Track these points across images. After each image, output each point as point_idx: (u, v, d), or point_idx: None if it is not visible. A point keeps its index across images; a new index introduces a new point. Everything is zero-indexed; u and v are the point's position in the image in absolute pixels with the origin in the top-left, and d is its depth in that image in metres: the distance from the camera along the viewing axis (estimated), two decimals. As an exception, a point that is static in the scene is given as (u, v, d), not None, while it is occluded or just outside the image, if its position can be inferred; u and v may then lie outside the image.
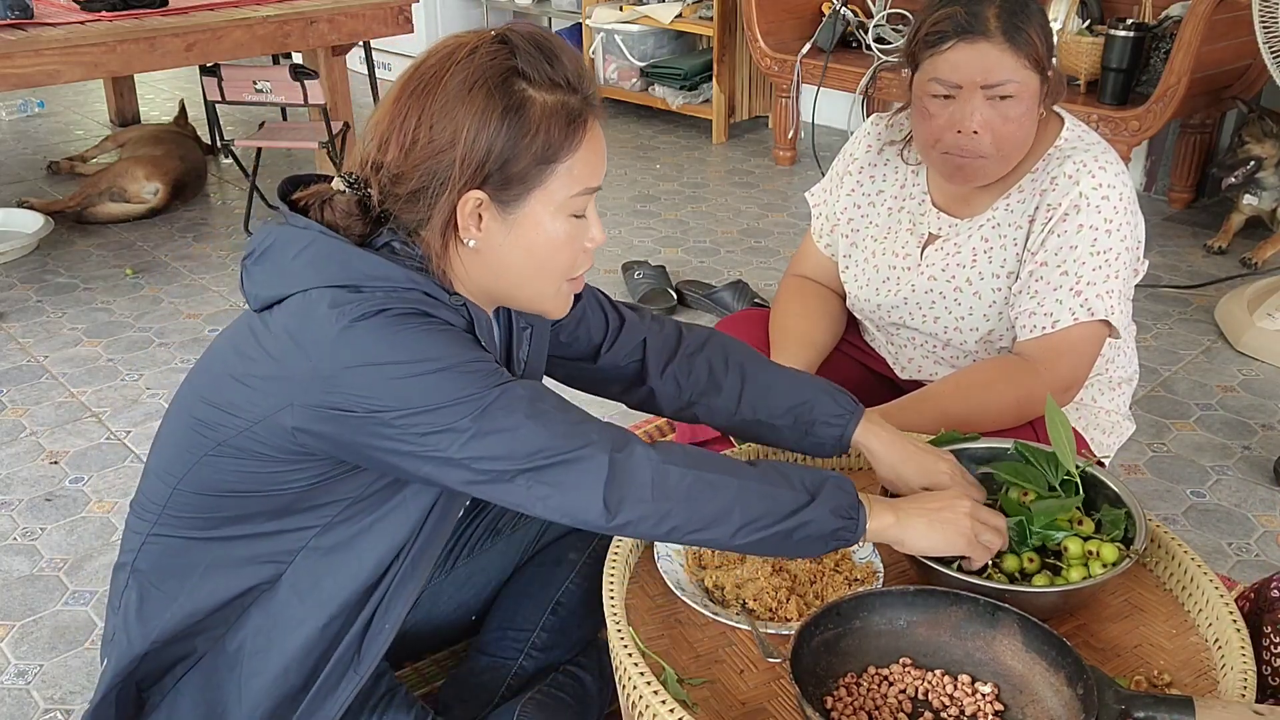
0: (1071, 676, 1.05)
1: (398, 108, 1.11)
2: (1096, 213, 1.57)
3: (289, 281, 1.10)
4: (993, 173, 1.62)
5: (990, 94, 1.54)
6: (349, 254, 1.10)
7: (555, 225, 1.15)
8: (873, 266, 1.79)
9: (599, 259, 3.43)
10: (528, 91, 1.10)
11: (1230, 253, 3.43)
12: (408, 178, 1.11)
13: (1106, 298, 1.58)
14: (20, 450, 2.38)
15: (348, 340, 1.05)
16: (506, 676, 1.44)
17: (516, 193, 1.12)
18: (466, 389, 1.06)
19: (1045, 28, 1.57)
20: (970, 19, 1.52)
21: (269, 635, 1.19)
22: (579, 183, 1.14)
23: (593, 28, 4.78)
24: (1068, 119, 1.68)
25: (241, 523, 1.18)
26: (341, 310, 1.06)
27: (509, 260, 1.15)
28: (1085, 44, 3.38)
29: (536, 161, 1.11)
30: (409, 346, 1.06)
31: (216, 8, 3.25)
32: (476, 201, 1.11)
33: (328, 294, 1.07)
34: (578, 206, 1.15)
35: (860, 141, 1.84)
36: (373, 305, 1.06)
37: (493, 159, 1.09)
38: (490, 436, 1.06)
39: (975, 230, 1.69)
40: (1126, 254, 1.60)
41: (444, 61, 1.10)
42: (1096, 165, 1.59)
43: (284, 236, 1.12)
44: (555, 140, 1.11)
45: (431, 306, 1.10)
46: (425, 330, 1.07)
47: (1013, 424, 1.60)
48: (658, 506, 1.10)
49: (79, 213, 3.66)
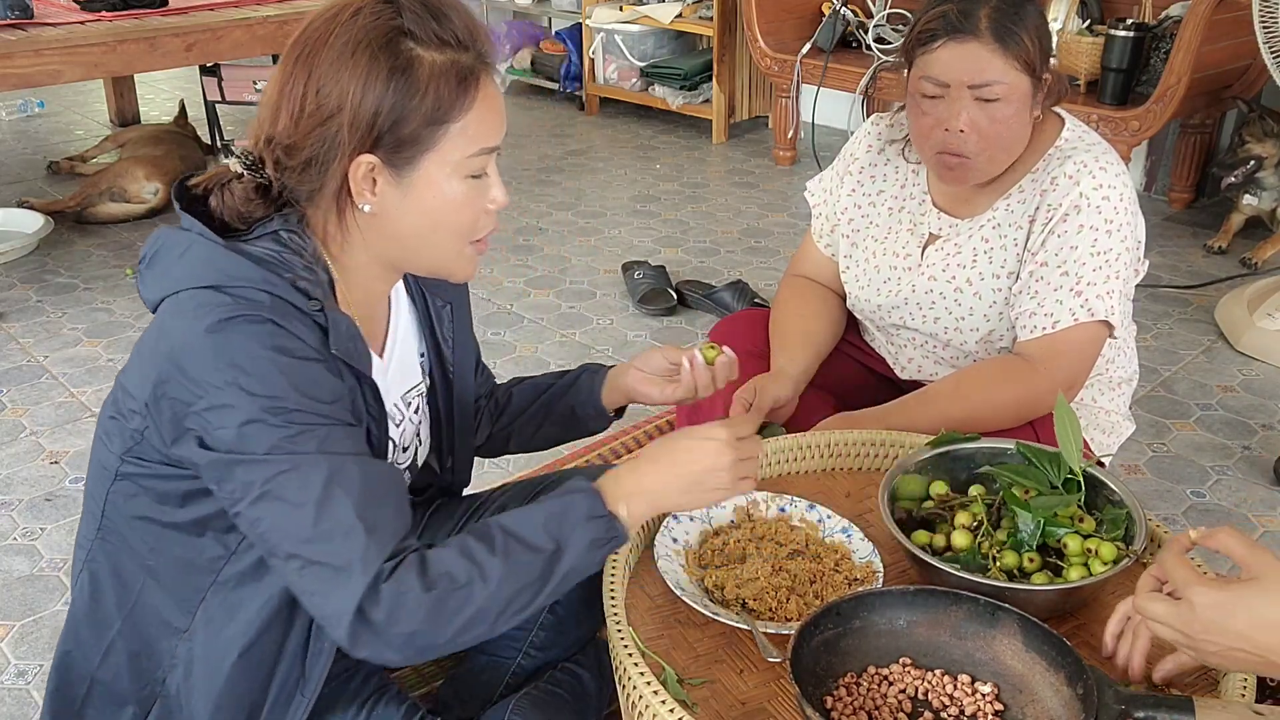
0: (1071, 676, 1.05)
1: (284, 75, 1.10)
2: (1097, 213, 1.57)
3: (167, 284, 1.09)
4: (982, 173, 1.62)
5: (977, 94, 1.54)
6: (215, 254, 1.08)
7: (452, 186, 1.13)
8: (873, 267, 1.79)
9: (600, 259, 3.44)
10: (415, 50, 1.08)
11: (1230, 253, 3.43)
12: (299, 147, 1.09)
13: (1107, 298, 1.58)
14: (20, 450, 2.38)
15: (205, 343, 1.03)
16: (505, 675, 1.44)
17: (409, 155, 1.10)
18: (278, 445, 1.02)
19: (1041, 30, 1.56)
20: (961, 18, 1.53)
21: (195, 673, 1.16)
22: (474, 143, 1.12)
23: (593, 28, 4.78)
24: (1068, 119, 1.68)
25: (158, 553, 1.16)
26: (199, 312, 1.04)
27: (406, 224, 1.14)
28: (1085, 44, 3.38)
29: (428, 122, 1.09)
30: (251, 374, 1.02)
31: (216, 8, 3.25)
32: (369, 165, 1.09)
33: (195, 295, 1.06)
34: (475, 167, 1.13)
35: (861, 141, 1.84)
36: (231, 310, 1.04)
37: (381, 121, 1.08)
38: (274, 503, 1.02)
39: (976, 230, 1.69)
40: (1127, 254, 1.60)
41: (328, 24, 1.09)
42: (1097, 165, 1.59)
43: (169, 240, 1.11)
44: (446, 100, 1.09)
45: (282, 316, 1.06)
46: (271, 358, 1.03)
47: (1013, 424, 1.60)
48: (408, 638, 1.03)
49: (79, 213, 3.66)
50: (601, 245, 3.56)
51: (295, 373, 1.05)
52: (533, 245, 3.55)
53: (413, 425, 1.34)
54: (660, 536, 1.35)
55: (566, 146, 4.60)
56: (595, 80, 4.94)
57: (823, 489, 1.51)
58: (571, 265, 3.41)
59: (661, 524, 1.36)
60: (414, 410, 1.34)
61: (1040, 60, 1.56)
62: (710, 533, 1.38)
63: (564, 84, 5.10)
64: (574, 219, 3.79)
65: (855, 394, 1.85)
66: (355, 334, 1.14)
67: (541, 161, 4.38)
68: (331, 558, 1.01)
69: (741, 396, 1.71)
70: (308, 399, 1.05)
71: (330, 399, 1.07)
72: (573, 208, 3.89)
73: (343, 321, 1.13)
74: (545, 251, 3.51)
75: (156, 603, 1.17)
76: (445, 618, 1.03)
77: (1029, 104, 1.57)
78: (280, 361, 1.04)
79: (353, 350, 1.13)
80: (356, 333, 1.15)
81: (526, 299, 3.17)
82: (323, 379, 1.08)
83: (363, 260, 1.18)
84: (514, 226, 3.69)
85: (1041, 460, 1.33)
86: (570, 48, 5.05)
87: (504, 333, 2.95)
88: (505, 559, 1.07)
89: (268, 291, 1.06)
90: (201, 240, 1.09)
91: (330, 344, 1.10)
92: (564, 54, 5.08)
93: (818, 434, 1.55)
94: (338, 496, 1.02)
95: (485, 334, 2.94)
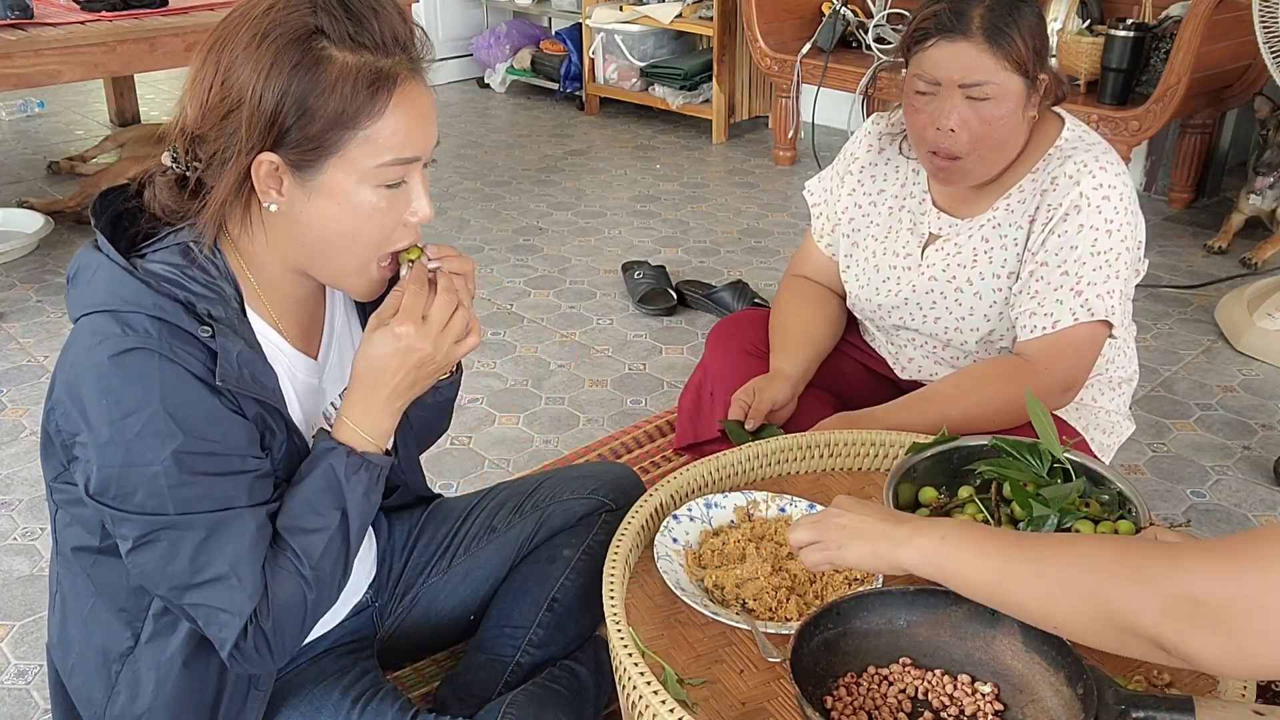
0: (1071, 676, 1.05)
1: (197, 65, 1.07)
2: (1097, 213, 1.57)
3: (79, 306, 1.08)
4: (974, 174, 1.63)
5: (968, 93, 1.55)
6: (115, 277, 1.07)
7: (360, 196, 1.08)
8: (873, 266, 1.79)
9: (600, 259, 3.43)
10: (327, 50, 1.04)
11: (1230, 253, 3.43)
12: (207, 140, 1.07)
13: (1107, 298, 1.58)
14: (20, 450, 2.38)
15: (93, 375, 1.03)
16: (504, 673, 1.44)
17: (312, 158, 1.06)
18: (149, 505, 1.05)
19: (1036, 31, 1.57)
20: (954, 17, 1.54)
21: (142, 693, 1.18)
22: (385, 151, 1.07)
23: (593, 28, 4.78)
24: (1068, 119, 1.68)
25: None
26: (92, 341, 1.04)
27: (309, 229, 1.10)
28: (1085, 44, 3.38)
29: (332, 125, 1.05)
30: (133, 413, 1.03)
31: (216, 8, 3.25)
32: (271, 165, 1.06)
33: (93, 321, 1.06)
34: (388, 177, 1.08)
35: (861, 141, 1.84)
36: (122, 344, 1.03)
37: (283, 119, 1.04)
38: (149, 550, 1.06)
39: (976, 230, 1.69)
40: (1127, 254, 1.60)
41: (243, 16, 1.05)
42: (1097, 165, 1.59)
43: (85, 261, 1.10)
44: (354, 103, 1.04)
45: (171, 347, 1.04)
46: (160, 397, 1.03)
47: (1012, 424, 1.60)
48: (281, 655, 1.12)
49: (79, 213, 3.65)
50: (601, 245, 3.56)
51: (182, 412, 1.05)
52: (533, 245, 3.55)
53: None
54: (660, 536, 1.35)
55: (566, 146, 4.60)
56: (595, 80, 4.94)
57: (822, 489, 1.51)
58: (571, 265, 3.41)
59: (661, 524, 1.36)
60: None
61: (1034, 61, 1.56)
62: (710, 533, 1.38)
63: (564, 84, 5.10)
64: (574, 219, 3.79)
65: (855, 394, 1.85)
66: (251, 359, 1.11)
67: (541, 161, 4.38)
68: (210, 601, 1.08)
69: (740, 398, 1.71)
70: (193, 439, 1.05)
71: (217, 437, 1.07)
72: (573, 208, 3.89)
73: (234, 348, 1.09)
74: (545, 251, 3.51)
75: (103, 625, 1.19)
76: (295, 630, 1.13)
77: (1022, 104, 1.57)
78: (169, 401, 1.03)
79: (243, 378, 1.10)
80: (253, 357, 1.12)
81: (526, 299, 3.17)
82: (213, 414, 1.07)
83: (274, 261, 1.15)
84: (514, 226, 3.68)
85: (1021, 452, 1.34)
86: (570, 48, 5.05)
87: (504, 333, 2.95)
88: (309, 556, 1.11)
89: (159, 318, 1.05)
90: (108, 263, 1.08)
91: (218, 375, 1.07)
92: (564, 54, 5.08)
93: (817, 434, 1.55)
94: (210, 551, 1.06)
95: (485, 334, 2.94)
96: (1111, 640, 0.94)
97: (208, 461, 1.06)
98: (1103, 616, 0.93)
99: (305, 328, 1.25)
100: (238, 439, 1.09)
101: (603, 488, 1.56)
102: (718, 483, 1.48)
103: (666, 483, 1.41)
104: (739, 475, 1.50)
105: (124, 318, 1.04)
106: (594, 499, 1.55)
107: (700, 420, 1.87)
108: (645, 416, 2.43)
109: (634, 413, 2.53)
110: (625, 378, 2.69)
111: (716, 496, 1.44)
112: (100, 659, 1.20)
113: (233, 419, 1.09)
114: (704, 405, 1.87)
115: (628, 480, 1.60)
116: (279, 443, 1.16)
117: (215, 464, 1.07)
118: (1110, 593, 0.92)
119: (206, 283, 1.10)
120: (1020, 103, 1.57)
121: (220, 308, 1.10)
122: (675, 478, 1.43)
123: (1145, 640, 0.90)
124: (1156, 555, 0.91)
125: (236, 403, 1.10)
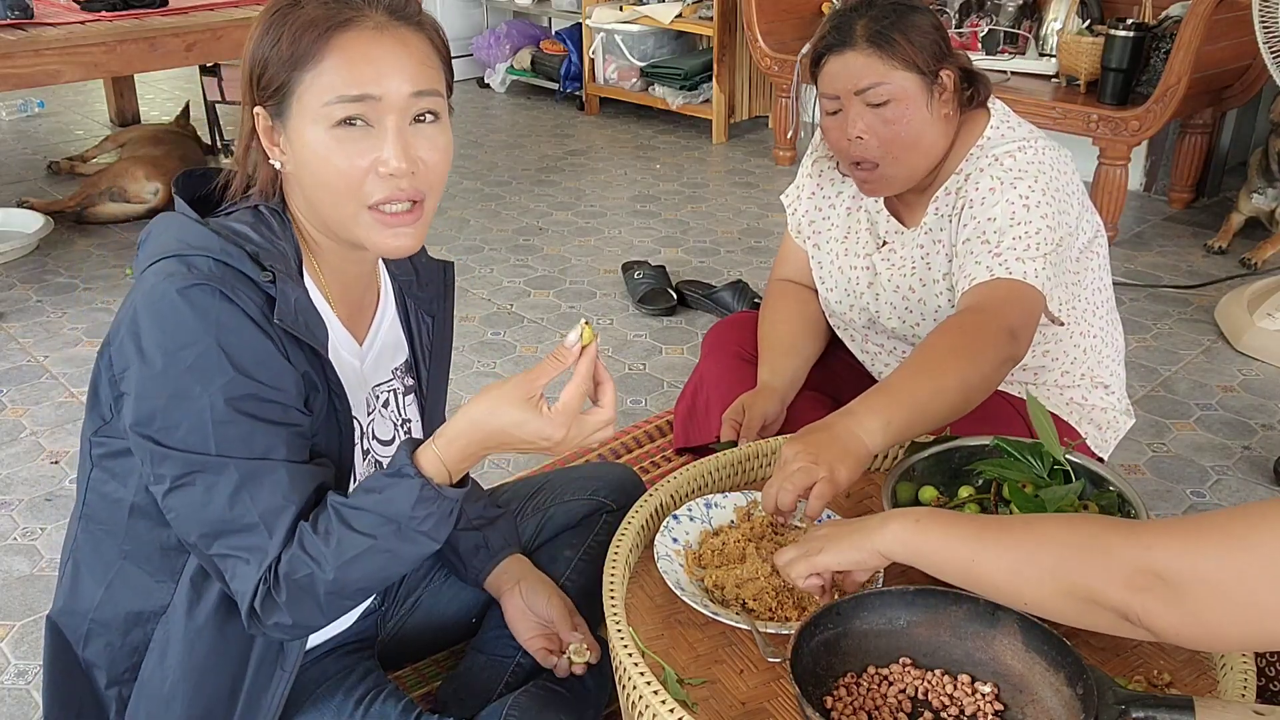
0: (1071, 676, 1.05)
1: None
2: (1012, 189, 1.58)
3: (145, 258, 1.12)
4: (896, 178, 1.65)
5: (864, 99, 1.59)
6: (187, 228, 1.12)
7: (315, 136, 1.10)
8: (837, 268, 1.82)
9: (600, 259, 3.44)
10: (302, 7, 1.11)
11: (1230, 253, 3.43)
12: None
13: (1028, 262, 1.54)
14: (20, 450, 2.38)
15: (156, 308, 1.06)
16: (504, 674, 1.44)
17: (277, 103, 1.11)
18: (191, 442, 1.05)
19: (924, 30, 1.59)
20: (839, 33, 1.60)
21: (170, 654, 1.18)
22: (331, 89, 1.08)
23: (593, 28, 4.78)
24: (996, 113, 1.68)
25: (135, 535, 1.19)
26: (158, 278, 1.07)
27: (303, 183, 1.14)
28: (1085, 44, 3.38)
29: (285, 67, 1.10)
30: (187, 346, 1.05)
31: (216, 8, 3.25)
32: (263, 119, 1.13)
33: (162, 264, 1.09)
34: (336, 114, 1.09)
35: (821, 143, 1.86)
36: (186, 280, 1.06)
37: (255, 69, 1.12)
38: (185, 492, 1.07)
39: (913, 240, 1.72)
40: (1050, 232, 1.56)
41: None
42: (1015, 148, 1.60)
43: (161, 221, 1.16)
44: (303, 44, 1.09)
45: (232, 286, 1.07)
46: (215, 333, 1.05)
47: (983, 387, 1.47)
48: (289, 629, 1.11)
49: (79, 213, 3.66)
50: (601, 245, 3.56)
51: (236, 350, 1.06)
52: (533, 245, 3.55)
53: (384, 420, 1.34)
54: (660, 536, 1.35)
55: (566, 146, 4.60)
56: (595, 80, 4.94)
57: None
58: (571, 265, 3.41)
59: (661, 524, 1.36)
60: (385, 405, 1.34)
61: (928, 59, 1.59)
62: (710, 533, 1.38)
63: (564, 84, 5.10)
64: (574, 219, 3.79)
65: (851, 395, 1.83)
66: (307, 307, 1.13)
67: (541, 161, 4.38)
68: (236, 549, 1.08)
69: (729, 417, 1.72)
70: (243, 377, 1.06)
71: (266, 380, 1.08)
72: (573, 208, 3.89)
73: (292, 294, 1.12)
74: (545, 251, 3.51)
75: (132, 588, 1.19)
76: (310, 603, 1.09)
77: (924, 101, 1.60)
78: (225, 338, 1.06)
79: (298, 323, 1.11)
80: (309, 306, 1.14)
81: (526, 299, 3.17)
82: (265, 357, 1.08)
83: (312, 225, 1.19)
84: (514, 226, 3.69)
85: (1022, 452, 1.34)
86: (570, 48, 5.06)
87: (504, 333, 2.95)
88: (341, 546, 1.08)
89: (224, 261, 1.08)
90: (180, 217, 1.14)
91: (275, 314, 1.09)
92: (564, 54, 5.08)
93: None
94: (244, 499, 1.07)
95: (485, 334, 2.94)
96: (1079, 614, 0.96)
97: (253, 404, 1.07)
98: (1069, 590, 0.95)
99: (354, 310, 1.27)
100: (285, 385, 1.10)
101: (603, 488, 1.57)
102: (718, 483, 1.48)
103: (666, 483, 1.41)
104: (739, 475, 1.51)
105: (189, 260, 1.08)
106: (595, 500, 1.55)
107: (695, 427, 1.88)
108: (645, 416, 2.43)
109: (634, 413, 2.53)
110: (625, 378, 2.69)
111: (716, 496, 1.44)
112: (125, 623, 1.20)
113: (284, 365, 1.10)
114: (698, 411, 1.88)
115: (628, 480, 1.60)
116: (320, 401, 1.16)
117: (260, 408, 1.08)
118: (1076, 567, 0.95)
119: (269, 239, 1.15)
120: (922, 101, 1.59)
121: (281, 263, 1.14)
122: (675, 478, 1.43)
123: (1111, 612, 0.93)
124: (1121, 530, 0.94)
125: (287, 352, 1.11)
